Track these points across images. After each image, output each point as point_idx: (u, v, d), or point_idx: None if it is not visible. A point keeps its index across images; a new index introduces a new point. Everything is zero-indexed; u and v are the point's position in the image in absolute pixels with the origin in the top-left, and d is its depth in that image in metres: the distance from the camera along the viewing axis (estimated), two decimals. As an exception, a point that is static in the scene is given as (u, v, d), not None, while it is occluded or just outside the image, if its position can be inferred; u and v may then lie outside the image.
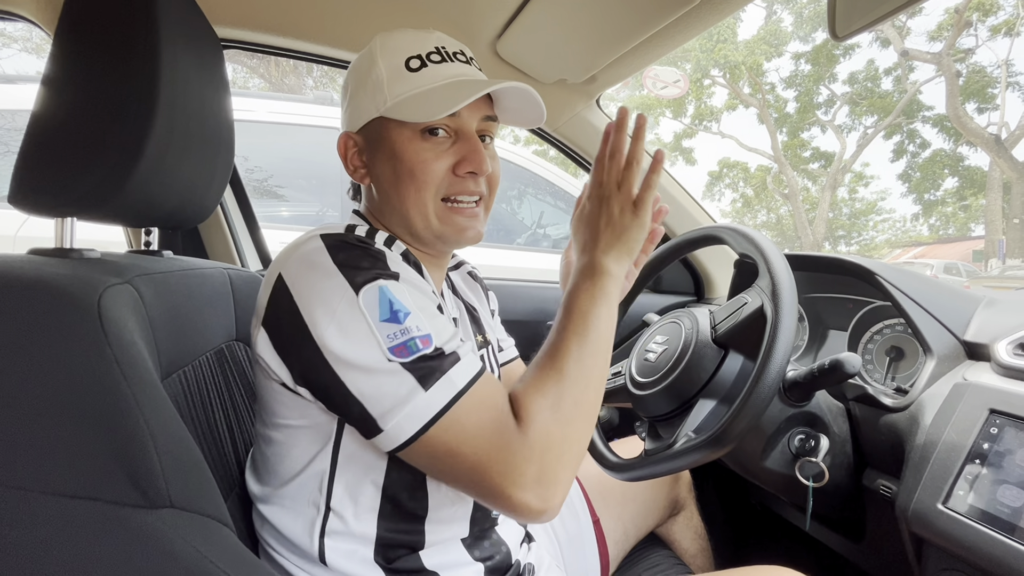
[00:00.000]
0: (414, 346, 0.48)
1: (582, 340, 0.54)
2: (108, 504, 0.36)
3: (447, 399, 0.48)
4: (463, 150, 0.61)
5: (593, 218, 0.62)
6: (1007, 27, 14.03)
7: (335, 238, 0.53)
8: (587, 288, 0.58)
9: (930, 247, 20.34)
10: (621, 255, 0.61)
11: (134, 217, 0.58)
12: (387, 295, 0.49)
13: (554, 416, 0.50)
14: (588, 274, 0.59)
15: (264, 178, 2.85)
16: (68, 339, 0.38)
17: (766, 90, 17.91)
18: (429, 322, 0.50)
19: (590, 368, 0.54)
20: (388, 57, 0.61)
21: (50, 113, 0.49)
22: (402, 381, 0.47)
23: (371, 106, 0.61)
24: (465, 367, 0.51)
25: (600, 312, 0.57)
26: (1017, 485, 0.56)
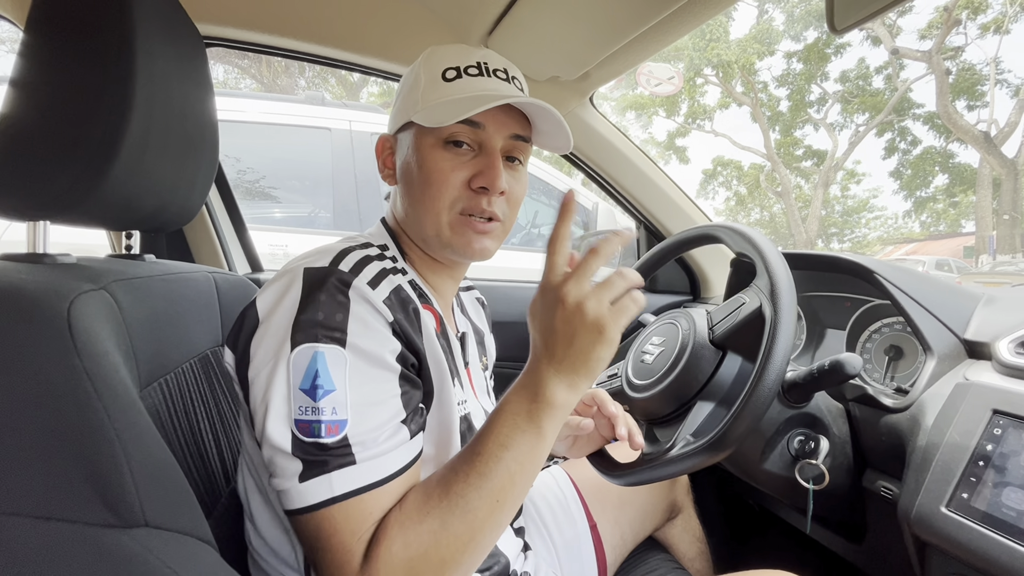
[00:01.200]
0: (318, 429, 0.45)
1: (485, 485, 0.47)
2: (79, 525, 0.34)
3: (316, 500, 0.45)
4: (480, 164, 0.59)
5: (545, 322, 0.49)
6: (996, 25, 14.16)
7: (314, 275, 0.50)
8: (516, 413, 0.49)
9: (922, 244, 20.51)
10: (576, 382, 0.49)
11: (112, 220, 0.55)
12: (316, 364, 0.46)
13: (409, 571, 0.44)
14: (525, 396, 0.49)
15: (256, 179, 2.82)
16: (35, 351, 0.36)
17: (759, 89, 17.99)
18: (354, 404, 0.47)
19: (482, 523, 0.46)
20: (429, 67, 0.61)
21: (20, 113, 0.46)
22: (291, 462, 0.46)
23: (407, 111, 0.61)
24: (357, 473, 0.46)
25: (521, 452, 0.48)
26: (1021, 488, 0.55)
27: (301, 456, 0.46)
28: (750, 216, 22.12)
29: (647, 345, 0.85)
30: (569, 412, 0.51)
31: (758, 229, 0.77)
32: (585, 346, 0.47)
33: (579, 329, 0.47)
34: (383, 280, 0.53)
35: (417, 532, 0.45)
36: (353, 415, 0.46)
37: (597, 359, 0.48)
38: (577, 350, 0.48)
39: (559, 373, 0.49)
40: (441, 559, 0.45)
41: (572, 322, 0.47)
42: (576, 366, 0.48)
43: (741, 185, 21.08)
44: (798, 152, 19.02)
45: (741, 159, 21.25)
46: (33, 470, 0.34)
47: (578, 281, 0.48)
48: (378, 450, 0.47)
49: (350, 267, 0.52)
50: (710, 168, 21.21)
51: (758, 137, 20.46)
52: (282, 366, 0.46)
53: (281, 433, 0.46)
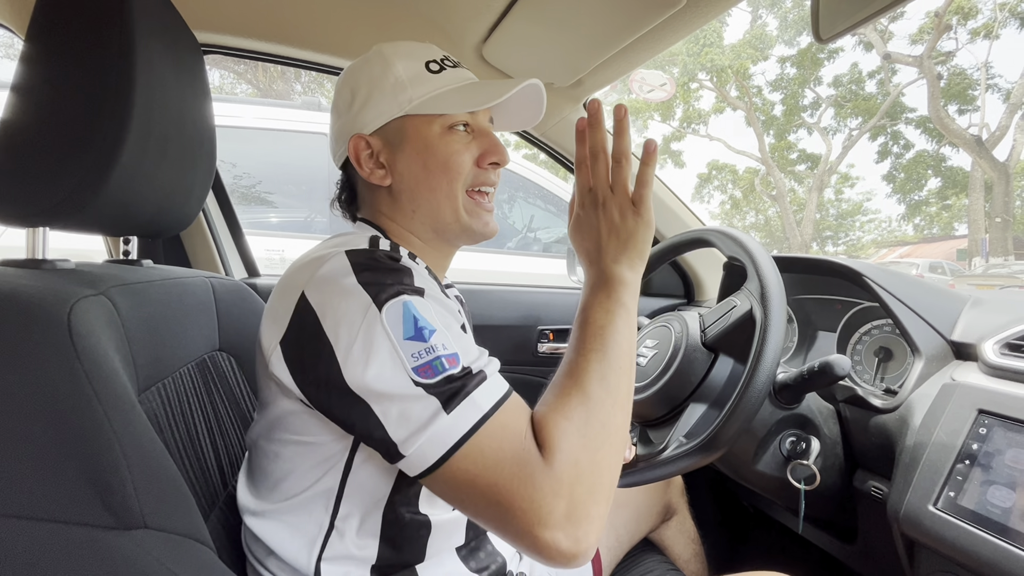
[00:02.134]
0: (440, 366, 0.45)
1: (603, 357, 0.51)
2: (79, 527, 0.35)
3: (470, 424, 0.44)
4: (485, 144, 0.64)
5: (592, 227, 0.58)
6: (986, 30, 14.32)
7: (361, 255, 0.51)
8: (601, 302, 0.55)
9: (915, 246, 20.64)
10: (633, 261, 0.57)
11: (110, 226, 0.56)
12: (411, 311, 0.47)
13: (582, 443, 0.46)
14: (600, 286, 0.56)
15: (252, 184, 2.83)
16: (36, 354, 0.37)
17: (753, 93, 18.13)
18: (456, 341, 0.48)
19: (615, 387, 0.50)
20: (405, 61, 0.62)
21: (20, 119, 0.47)
22: (426, 404, 0.44)
23: (393, 106, 0.62)
24: (491, 387, 0.47)
25: (618, 326, 0.53)
26: (1006, 486, 0.56)
27: (435, 393, 0.45)
28: (745, 220, 22.23)
29: (641, 348, 0.86)
30: (638, 289, 0.57)
31: (749, 233, 0.78)
32: (629, 231, 0.56)
33: (620, 221, 0.56)
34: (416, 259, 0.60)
35: (569, 404, 0.48)
36: (459, 348, 0.48)
37: (643, 239, 0.56)
38: (624, 237, 0.56)
39: (617, 261, 0.56)
40: (601, 422, 0.48)
41: (613, 216, 0.56)
42: (628, 249, 0.56)
43: (736, 189, 21.20)
44: (792, 156, 19.15)
45: (736, 163, 21.43)
46: (33, 472, 0.35)
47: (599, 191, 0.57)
48: (492, 368, 0.50)
49: (389, 246, 0.58)
50: (705, 172, 21.35)
51: (753, 141, 20.57)
52: (377, 327, 0.46)
53: (405, 383, 0.45)
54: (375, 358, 0.45)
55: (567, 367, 0.52)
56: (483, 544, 0.66)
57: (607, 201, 0.57)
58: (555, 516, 0.42)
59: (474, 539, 0.65)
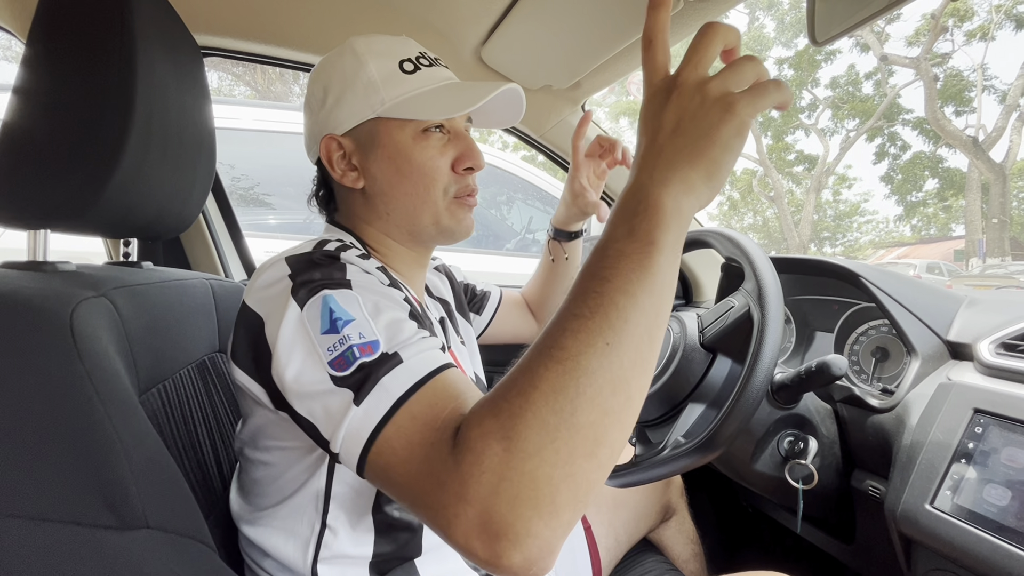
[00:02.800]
0: (352, 356, 0.42)
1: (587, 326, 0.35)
2: (80, 527, 0.35)
3: (380, 414, 0.40)
4: (461, 147, 0.62)
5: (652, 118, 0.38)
6: (982, 32, 14.39)
7: (299, 259, 0.50)
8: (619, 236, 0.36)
9: (913, 247, 20.70)
10: (692, 171, 0.35)
11: (111, 228, 0.56)
12: (328, 304, 0.45)
13: (504, 445, 0.34)
14: (626, 212, 0.36)
15: (251, 186, 2.82)
16: (39, 355, 0.37)
17: (750, 95, 18.14)
18: (381, 327, 0.45)
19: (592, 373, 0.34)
20: (378, 60, 0.60)
21: (22, 122, 0.47)
22: (340, 397, 0.41)
23: (364, 107, 0.59)
24: (408, 370, 0.42)
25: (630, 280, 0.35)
26: (1003, 484, 0.56)
27: (347, 384, 0.42)
28: (743, 221, 22.26)
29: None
30: (686, 225, 0.37)
31: (746, 234, 0.79)
32: (706, 126, 0.35)
33: (698, 109, 0.35)
34: (368, 258, 0.56)
35: (505, 396, 0.36)
36: (383, 335, 0.44)
37: (723, 146, 0.35)
38: (696, 132, 0.35)
39: (669, 169, 0.36)
40: (542, 421, 0.34)
41: (690, 104, 0.35)
42: (693, 158, 0.35)
43: (734, 190, 21.23)
44: (790, 157, 19.21)
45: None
46: (36, 472, 0.35)
47: (696, 66, 0.36)
48: (419, 347, 0.44)
49: (335, 248, 0.54)
50: (703, 173, 21.34)
51: (750, 142, 20.63)
52: (297, 327, 0.45)
53: (320, 379, 0.43)
54: (295, 358, 0.44)
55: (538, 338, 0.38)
56: None
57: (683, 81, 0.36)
58: (463, 523, 0.34)
59: None
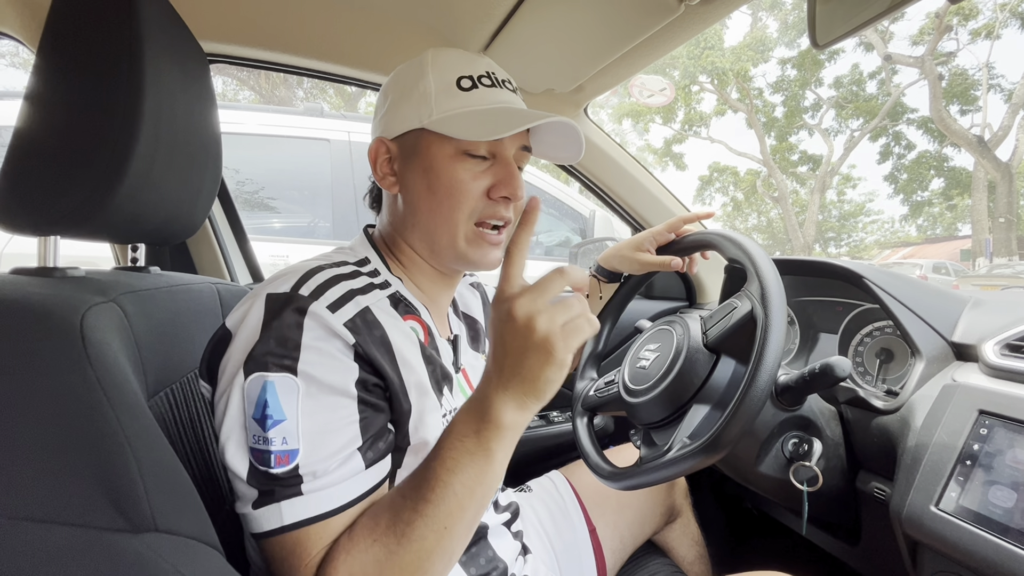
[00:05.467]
0: (269, 459, 0.46)
1: (433, 512, 0.45)
2: (90, 530, 0.35)
3: (268, 527, 0.47)
4: (500, 174, 0.60)
5: (497, 334, 0.47)
6: (987, 31, 14.31)
7: (274, 301, 0.50)
8: (468, 437, 0.46)
9: (919, 247, 20.59)
10: (527, 400, 0.46)
11: (120, 234, 0.57)
12: (265, 394, 0.47)
13: None
14: (475, 415, 0.47)
15: (255, 190, 2.84)
16: (49, 360, 0.38)
17: (754, 95, 18.14)
18: (306, 433, 0.47)
19: (429, 552, 0.45)
20: (439, 72, 0.60)
21: (33, 130, 0.48)
22: (247, 488, 0.48)
23: (414, 116, 0.59)
24: (304, 504, 0.47)
25: (469, 477, 0.46)
26: (1008, 486, 0.56)
27: (254, 484, 0.47)
28: (747, 222, 22.21)
29: (643, 351, 0.86)
30: (519, 434, 0.48)
31: (750, 235, 0.79)
32: (534, 366, 0.44)
33: (528, 347, 0.44)
34: (348, 302, 0.52)
35: (363, 561, 0.45)
36: (304, 444, 0.47)
37: (546, 380, 0.45)
38: (527, 369, 0.45)
39: (507, 392, 0.46)
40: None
41: (521, 339, 0.44)
42: (525, 386, 0.45)
43: (738, 191, 21.19)
44: (794, 157, 19.15)
45: (737, 165, 21.46)
46: (46, 476, 0.36)
47: (533, 297, 0.45)
48: (328, 480, 0.48)
49: (311, 291, 0.51)
50: (706, 174, 21.33)
51: (754, 143, 20.63)
52: (236, 394, 0.48)
53: (240, 460, 0.48)
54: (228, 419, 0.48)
55: (396, 504, 0.47)
56: (483, 550, 0.66)
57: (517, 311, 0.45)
58: None
59: (473, 545, 0.65)
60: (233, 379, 0.48)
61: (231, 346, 0.50)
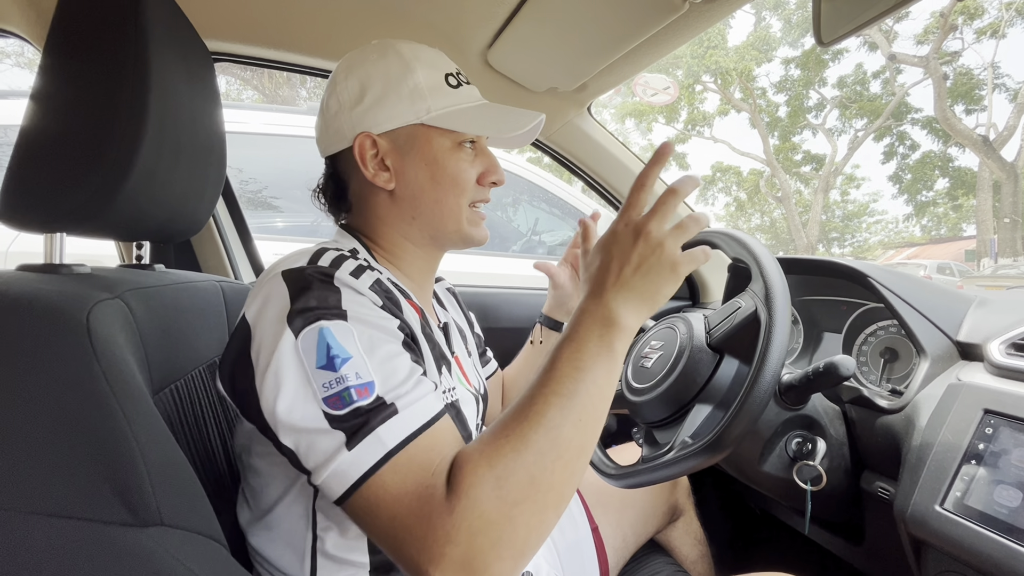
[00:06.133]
0: (348, 397, 0.45)
1: (567, 404, 0.46)
2: (96, 523, 0.36)
3: (371, 462, 0.44)
4: (487, 163, 0.67)
5: (620, 252, 0.52)
6: (992, 30, 14.24)
7: (295, 277, 0.50)
8: (591, 339, 0.49)
9: (923, 247, 20.50)
10: (641, 308, 0.52)
11: (125, 231, 0.57)
12: (326, 339, 0.46)
13: (497, 492, 0.42)
14: (595, 321, 0.50)
15: (259, 189, 2.85)
16: (56, 355, 0.38)
17: (757, 95, 18.09)
18: (376, 366, 0.47)
19: (567, 442, 0.45)
20: (427, 70, 0.63)
21: (39, 128, 0.48)
22: (331, 439, 0.44)
23: (408, 112, 0.62)
24: (402, 421, 0.45)
25: (598, 374, 0.48)
26: (1014, 485, 0.56)
27: (341, 427, 0.44)
28: (750, 222, 22.15)
29: (646, 349, 0.86)
30: (633, 336, 0.52)
31: (753, 234, 0.79)
32: (657, 280, 0.51)
33: (655, 264, 0.51)
34: (363, 273, 0.54)
35: (500, 451, 0.44)
36: (378, 375, 0.46)
37: (664, 294, 0.52)
38: (650, 282, 0.51)
39: (629, 300, 0.51)
40: (530, 476, 0.43)
41: (651, 256, 0.51)
42: (645, 296, 0.51)
43: (741, 191, 21.14)
44: (797, 157, 19.10)
45: (740, 165, 21.41)
46: (54, 470, 0.36)
47: (661, 220, 0.52)
48: (414, 396, 0.47)
49: (329, 263, 0.53)
50: (709, 174, 21.28)
51: (757, 143, 20.59)
52: (290, 356, 0.46)
53: (313, 415, 0.45)
54: (286, 388, 0.45)
55: (521, 403, 0.47)
56: None
57: (649, 232, 0.51)
58: (446, 561, 0.40)
59: None
60: (281, 347, 0.46)
61: (258, 328, 0.49)
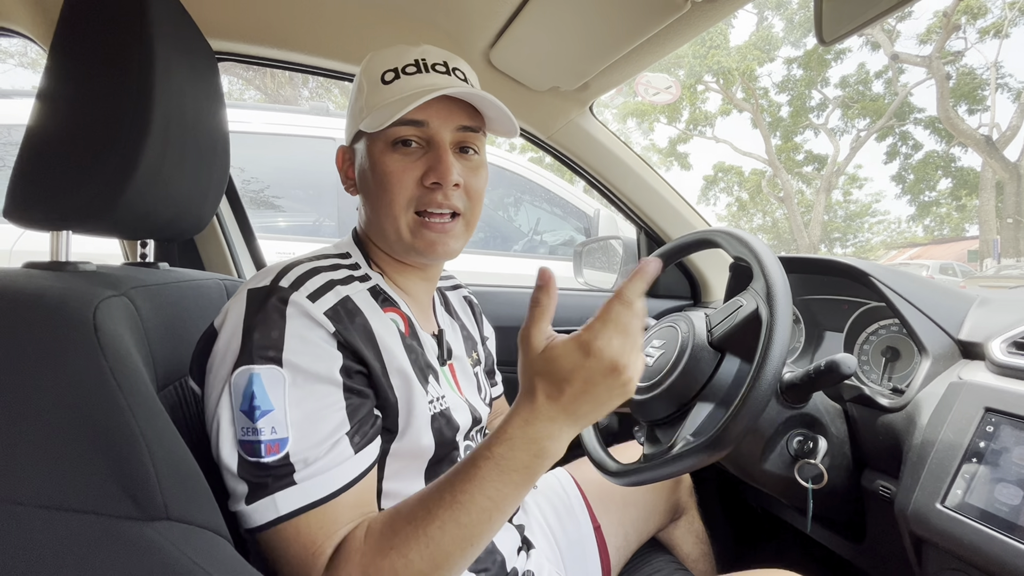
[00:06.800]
0: (258, 449, 0.47)
1: (456, 521, 0.45)
2: (103, 517, 0.36)
3: (263, 520, 0.47)
4: (430, 160, 0.59)
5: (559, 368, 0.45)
6: (995, 29, 14.19)
7: (254, 296, 0.52)
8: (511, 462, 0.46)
9: (925, 248, 20.44)
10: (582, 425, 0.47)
11: (130, 230, 0.58)
12: (252, 387, 0.48)
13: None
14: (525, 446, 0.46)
15: (261, 189, 2.86)
16: (63, 352, 0.38)
17: (759, 95, 18.05)
18: (295, 421, 0.48)
19: (447, 556, 0.45)
20: (369, 72, 0.63)
21: (45, 127, 0.49)
22: (238, 484, 0.48)
23: (354, 120, 0.64)
24: (301, 492, 0.47)
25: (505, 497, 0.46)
26: (1015, 483, 0.56)
27: (246, 477, 0.48)
28: (752, 222, 22.11)
29: (648, 348, 0.87)
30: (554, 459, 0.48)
31: (754, 233, 0.79)
32: (607, 400, 0.46)
33: (602, 386, 0.45)
34: (328, 292, 0.54)
35: (377, 565, 0.45)
36: (294, 432, 0.48)
37: (612, 406, 0.47)
38: (598, 403, 0.46)
39: (568, 424, 0.46)
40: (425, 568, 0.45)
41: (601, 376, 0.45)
42: (588, 413, 0.46)
43: (743, 191, 21.08)
44: (799, 157, 19.05)
45: (742, 165, 21.31)
46: (61, 465, 0.36)
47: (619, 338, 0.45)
48: (319, 466, 0.48)
49: (291, 282, 0.53)
50: (711, 174, 21.24)
51: (759, 143, 20.53)
52: (225, 389, 0.49)
53: (229, 454, 0.48)
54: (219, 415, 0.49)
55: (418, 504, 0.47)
56: None
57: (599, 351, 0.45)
58: None
59: None
60: (219, 376, 0.50)
61: (216, 344, 0.52)
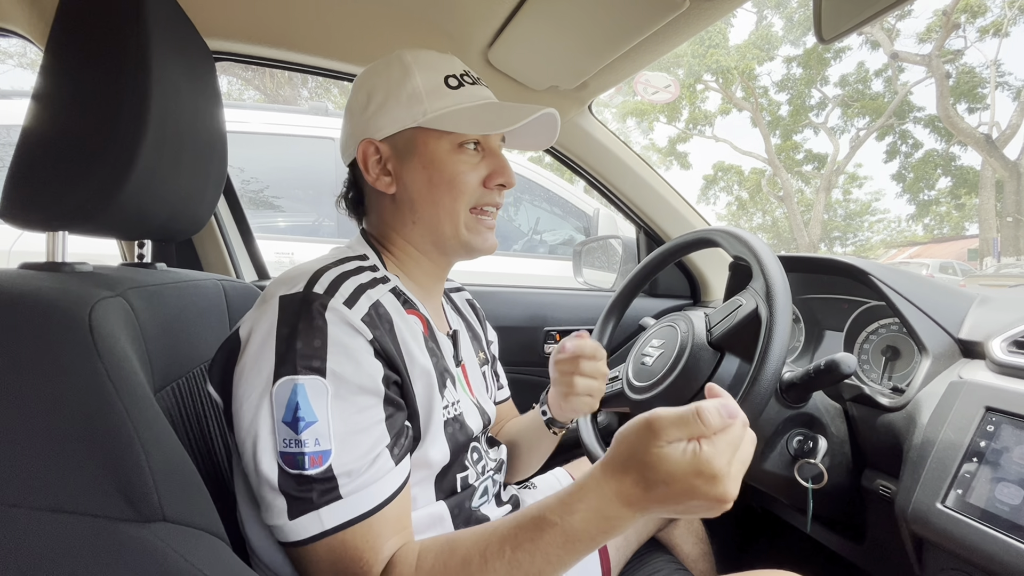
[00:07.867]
0: (301, 461, 0.46)
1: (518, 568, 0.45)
2: (100, 519, 0.36)
3: (308, 534, 0.47)
4: (494, 164, 0.65)
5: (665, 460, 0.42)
6: (995, 28, 14.19)
7: (288, 303, 0.51)
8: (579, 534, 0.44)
9: (925, 247, 20.43)
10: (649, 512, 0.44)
11: (127, 230, 0.57)
12: (296, 397, 0.47)
13: None
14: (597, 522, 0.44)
15: (260, 189, 2.86)
16: (59, 353, 0.38)
17: (759, 94, 18.05)
18: (339, 434, 0.48)
19: None
20: (425, 72, 0.63)
21: (41, 127, 0.48)
22: (277, 499, 0.47)
23: (406, 116, 0.62)
24: (347, 506, 0.47)
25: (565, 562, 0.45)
26: (1015, 483, 0.56)
27: (286, 490, 0.47)
28: (752, 221, 22.10)
29: (647, 348, 0.86)
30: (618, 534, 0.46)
31: (754, 232, 0.79)
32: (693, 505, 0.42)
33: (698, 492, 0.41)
34: (360, 297, 0.54)
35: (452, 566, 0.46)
36: (337, 445, 0.47)
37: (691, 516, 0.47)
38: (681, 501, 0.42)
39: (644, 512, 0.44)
40: None
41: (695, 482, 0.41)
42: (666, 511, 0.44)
43: (743, 190, 21.07)
44: (799, 156, 19.04)
45: (742, 164, 21.30)
46: (57, 466, 0.36)
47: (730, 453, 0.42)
48: (363, 480, 0.48)
49: (325, 288, 0.52)
50: (711, 174, 21.24)
51: (759, 142, 20.56)
52: (265, 399, 0.48)
53: (269, 466, 0.47)
54: (258, 425, 0.48)
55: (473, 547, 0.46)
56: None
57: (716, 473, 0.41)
58: None
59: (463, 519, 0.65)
60: (260, 385, 0.48)
61: (245, 353, 0.51)
